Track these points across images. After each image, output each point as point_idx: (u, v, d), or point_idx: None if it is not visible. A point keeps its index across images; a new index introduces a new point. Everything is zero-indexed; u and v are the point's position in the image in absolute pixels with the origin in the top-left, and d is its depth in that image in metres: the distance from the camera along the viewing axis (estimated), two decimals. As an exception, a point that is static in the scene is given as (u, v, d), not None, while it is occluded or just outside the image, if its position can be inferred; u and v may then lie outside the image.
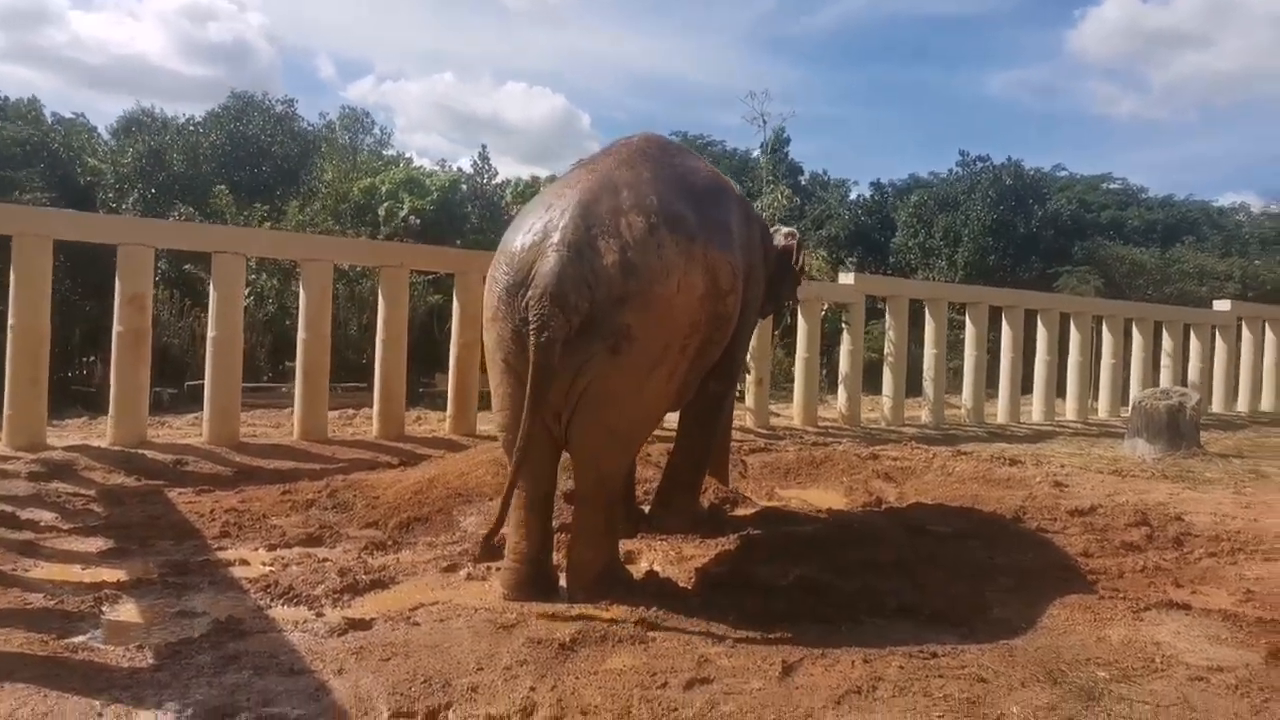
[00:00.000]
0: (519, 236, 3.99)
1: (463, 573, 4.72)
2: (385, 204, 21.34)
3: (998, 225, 26.84)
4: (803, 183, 33.90)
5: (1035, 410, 14.71)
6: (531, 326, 3.73)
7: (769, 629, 3.75)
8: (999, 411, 14.28)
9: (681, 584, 4.39)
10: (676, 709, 2.97)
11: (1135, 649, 3.50)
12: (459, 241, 19.26)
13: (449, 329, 11.09)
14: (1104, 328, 15.61)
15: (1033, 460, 8.96)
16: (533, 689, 3.13)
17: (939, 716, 2.91)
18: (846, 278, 13.49)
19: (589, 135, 76.84)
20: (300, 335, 9.45)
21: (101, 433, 9.13)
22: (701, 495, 5.87)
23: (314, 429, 9.32)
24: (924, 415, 13.60)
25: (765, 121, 14.54)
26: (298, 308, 9.96)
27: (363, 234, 18.42)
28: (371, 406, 10.07)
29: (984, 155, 31.42)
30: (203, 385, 9.39)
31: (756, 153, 29.12)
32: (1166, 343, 16.44)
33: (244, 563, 5.00)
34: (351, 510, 6.42)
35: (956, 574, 4.49)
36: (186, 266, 16.61)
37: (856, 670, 3.29)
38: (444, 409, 11.03)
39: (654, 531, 5.39)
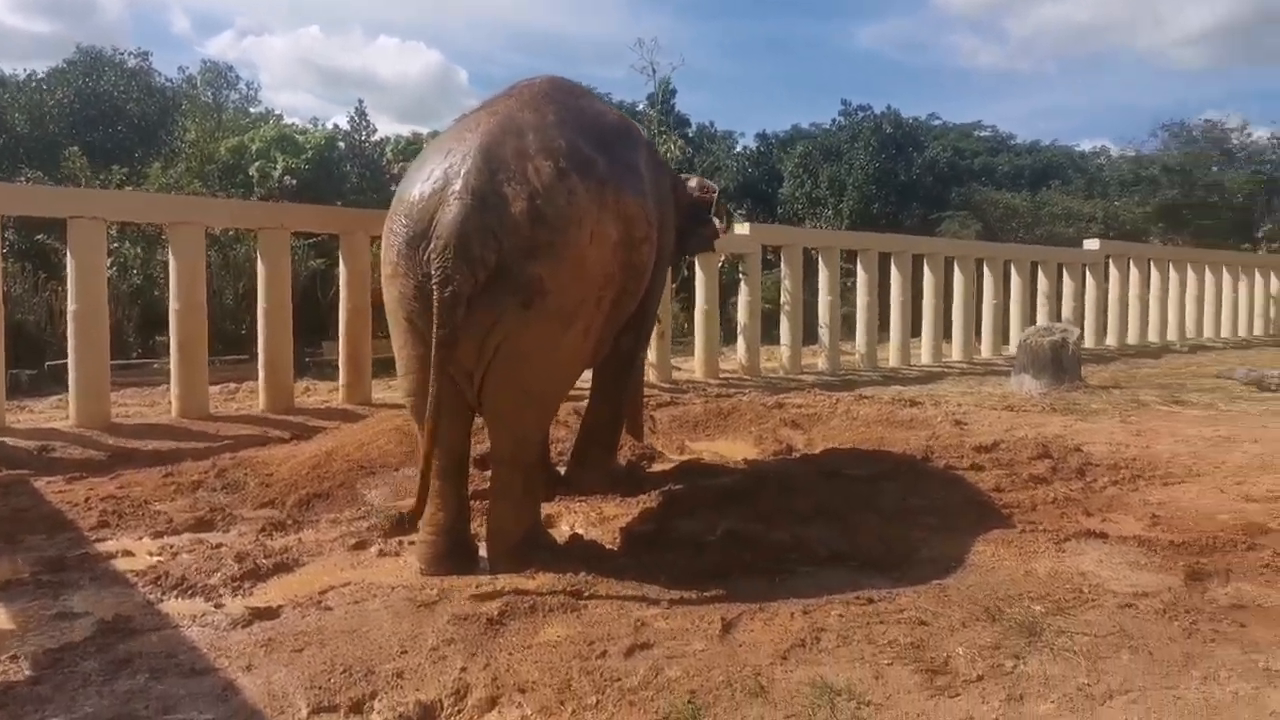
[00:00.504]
0: (417, 185, 3.68)
1: (373, 549, 4.44)
2: (256, 164, 20.23)
3: (880, 173, 27.46)
4: (690, 135, 33.81)
5: (924, 353, 15.14)
6: (435, 281, 3.46)
7: (703, 587, 3.64)
8: (890, 355, 14.64)
9: (607, 546, 4.24)
10: (619, 678, 2.83)
11: (1063, 580, 3.55)
12: (339, 202, 18.43)
13: (334, 294, 10.56)
14: (985, 270, 16.15)
15: (931, 401, 9.17)
16: (464, 669, 2.93)
17: (887, 664, 2.86)
18: (742, 229, 13.47)
19: (467, 92, 74.86)
20: (173, 306, 8.77)
21: (-49, 421, 8.32)
22: (618, 453, 5.73)
23: (194, 406, 8.72)
24: (820, 362, 13.82)
25: (655, 71, 14.28)
26: (165, 277, 9.27)
27: (234, 196, 17.38)
28: (255, 379, 9.51)
29: (865, 105, 32.05)
30: (65, 365, 8.65)
31: (643, 105, 28.86)
32: (1042, 282, 17.15)
33: (128, 554, 4.58)
34: (244, 490, 6.01)
35: (880, 516, 4.49)
36: (39, 237, 15.33)
37: (797, 622, 3.22)
38: (333, 379, 10.54)
39: (572, 493, 5.22)
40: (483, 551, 4.12)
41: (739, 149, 35.20)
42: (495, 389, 3.76)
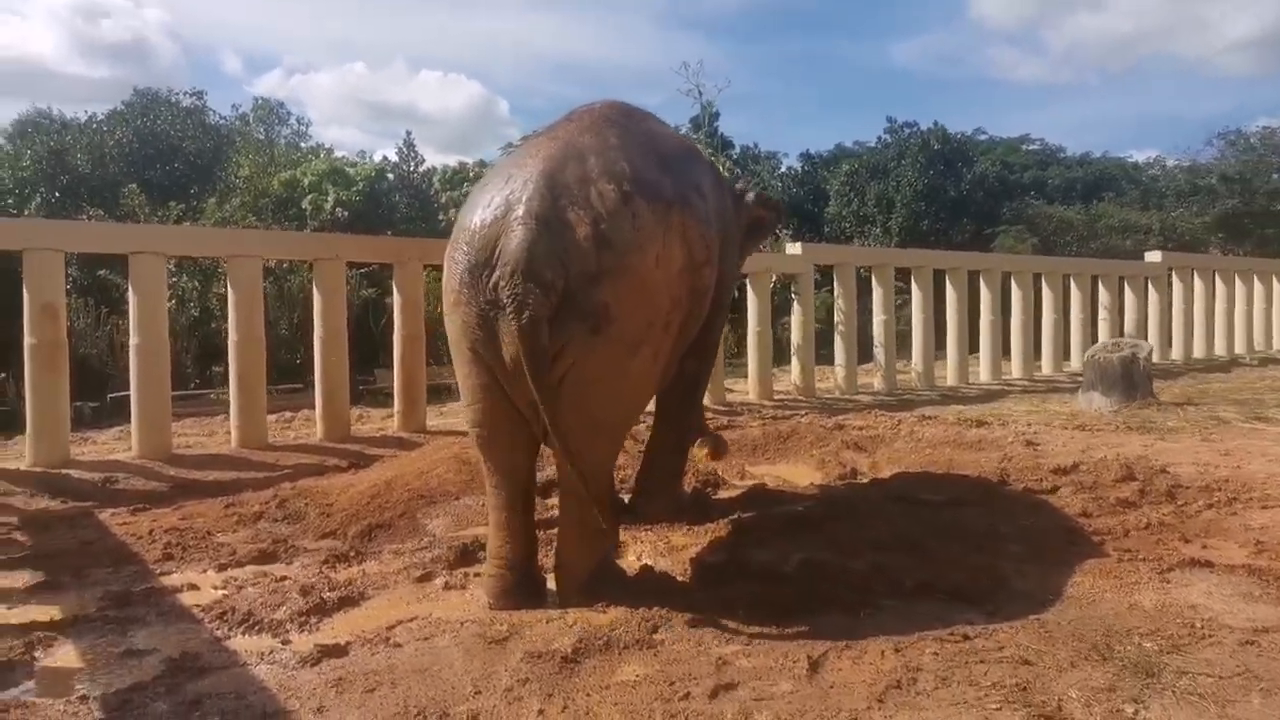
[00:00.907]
0: (478, 212, 3.60)
1: (438, 581, 4.34)
2: (309, 196, 20.56)
3: (928, 190, 27.10)
4: (734, 157, 33.76)
5: (983, 370, 14.78)
6: (509, 309, 3.37)
7: (783, 621, 3.48)
8: (948, 374, 14.30)
9: (678, 578, 4.09)
10: (706, 722, 2.68)
11: (1173, 614, 3.32)
12: (390, 232, 18.64)
13: (386, 322, 10.59)
14: (1043, 284, 15.75)
15: (998, 421, 8.89)
16: (541, 712, 2.80)
17: (995, 708, 2.67)
18: (793, 248, 13.31)
19: (508, 122, 75.90)
20: (231, 337, 8.85)
21: (19, 454, 8.44)
22: (683, 479, 5.58)
23: (253, 435, 8.76)
24: (876, 382, 13.53)
25: (701, 93, 14.20)
26: (221, 310, 9.40)
27: (288, 229, 17.66)
28: (311, 408, 9.55)
29: (911, 121, 31.73)
30: (126, 397, 8.75)
31: (686, 127, 28.91)
32: (1103, 296, 16.68)
33: (193, 587, 4.54)
34: (305, 520, 5.97)
35: (964, 545, 4.28)
36: (100, 272, 15.71)
37: (889, 661, 3.03)
38: (387, 406, 10.57)
39: (637, 521, 5.08)
40: (551, 584, 4.00)
41: (783, 169, 35.09)
42: (564, 416, 3.65)
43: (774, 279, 12.89)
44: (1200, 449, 6.64)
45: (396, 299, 9.93)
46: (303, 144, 29.76)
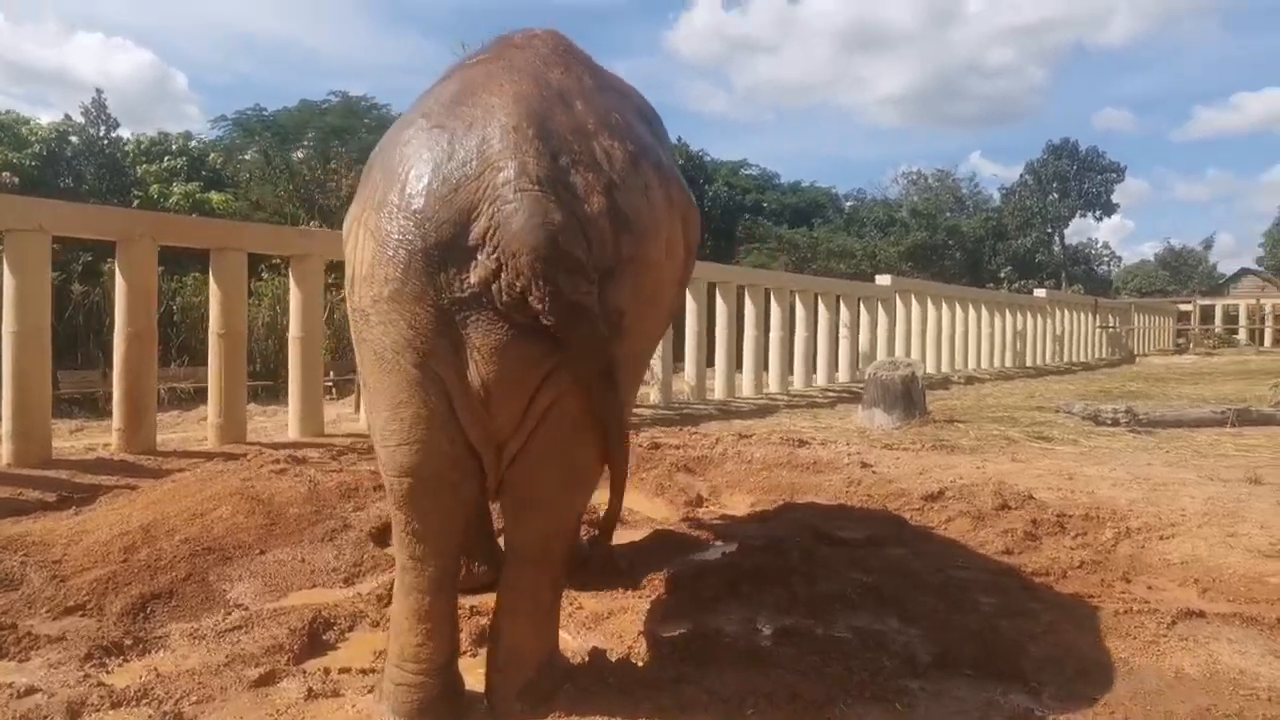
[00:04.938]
0: (428, 170, 2.43)
1: (291, 685, 3.07)
2: (-37, 155, 16.73)
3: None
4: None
5: (746, 384, 14.94)
6: (548, 309, 2.29)
7: (795, 715, 2.72)
8: (717, 387, 14.29)
9: (632, 659, 3.18)
10: None
11: (1227, 683, 2.97)
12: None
13: (98, 317, 8.50)
14: (798, 301, 16.31)
15: (817, 440, 8.71)
16: None
17: None
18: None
19: (186, 98, 68.26)
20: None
21: None
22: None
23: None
24: (653, 394, 13.16)
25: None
26: None
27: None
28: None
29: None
30: None
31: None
32: (844, 315, 17.63)
33: None
34: (25, 587, 4.26)
35: (935, 598, 3.75)
36: None
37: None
38: (73, 416, 8.47)
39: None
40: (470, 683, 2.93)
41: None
42: (536, 464, 2.62)
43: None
44: (1037, 472, 6.76)
45: (121, 285, 7.96)
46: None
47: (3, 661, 3.45)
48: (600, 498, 3.13)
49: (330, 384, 15.21)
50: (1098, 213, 52.98)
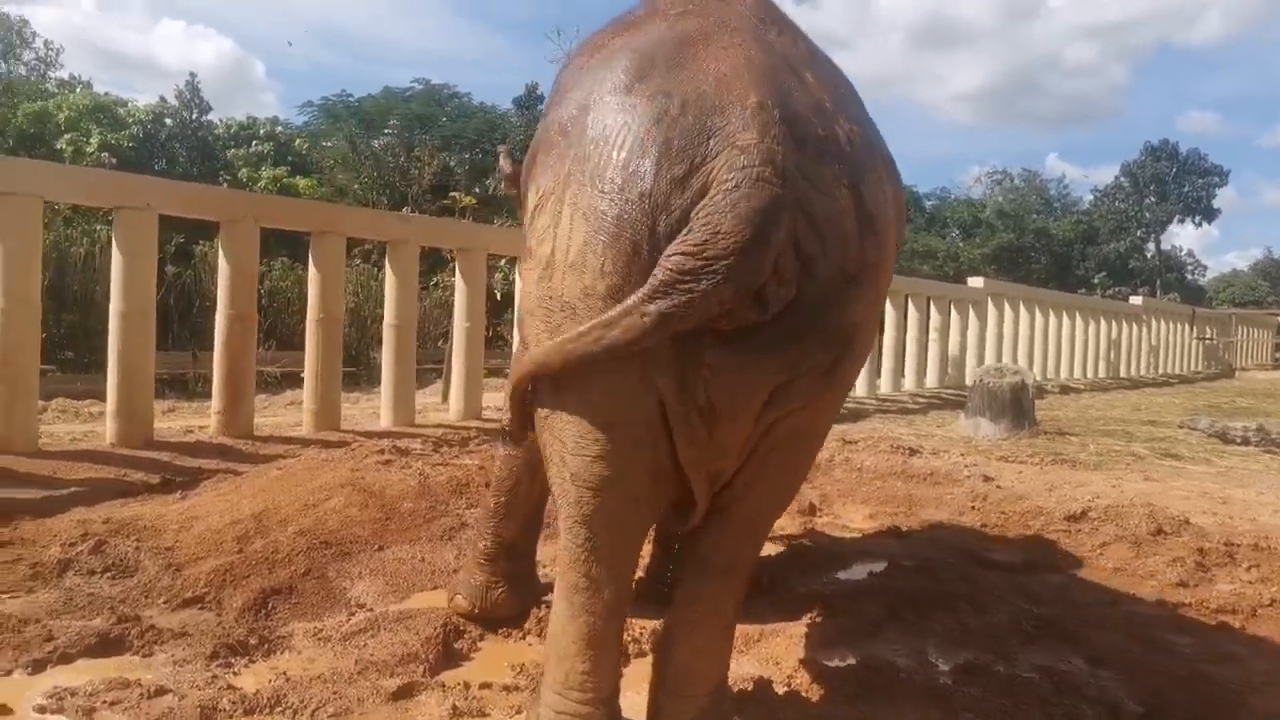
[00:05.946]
0: (660, 145, 2.02)
1: (430, 700, 2.86)
2: (66, 136, 17.14)
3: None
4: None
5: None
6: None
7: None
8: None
9: (803, 692, 2.89)
10: None
11: None
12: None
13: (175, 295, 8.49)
14: (887, 302, 15.80)
15: (926, 449, 8.30)
16: None
17: None
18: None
19: (263, 86, 69.61)
20: (-4, 303, 6.56)
21: None
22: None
23: (21, 435, 6.54)
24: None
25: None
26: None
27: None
28: (79, 398, 7.36)
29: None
30: None
31: (508, 107, 27.40)
32: (935, 318, 17.03)
33: (5, 712, 2.79)
34: (140, 574, 4.16)
35: (1118, 635, 3.38)
36: None
37: None
38: (177, 398, 8.48)
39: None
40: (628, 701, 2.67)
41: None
42: (758, 482, 2.33)
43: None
44: (1180, 494, 6.29)
45: (223, 267, 7.92)
46: (54, 74, 25.16)
47: (128, 655, 3.31)
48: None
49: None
50: (1197, 218, 50.82)
